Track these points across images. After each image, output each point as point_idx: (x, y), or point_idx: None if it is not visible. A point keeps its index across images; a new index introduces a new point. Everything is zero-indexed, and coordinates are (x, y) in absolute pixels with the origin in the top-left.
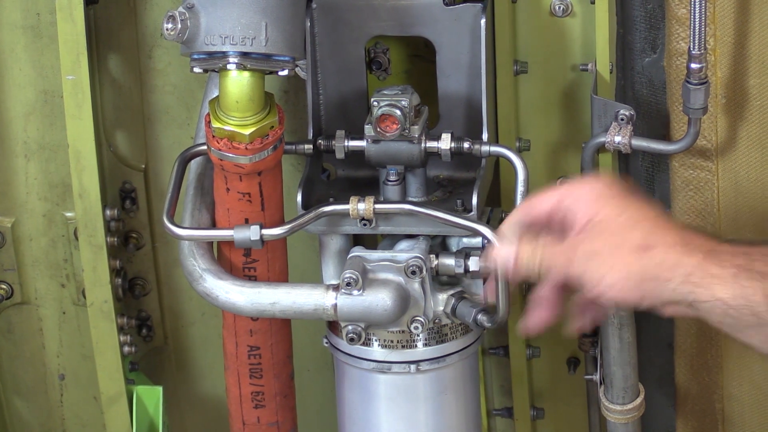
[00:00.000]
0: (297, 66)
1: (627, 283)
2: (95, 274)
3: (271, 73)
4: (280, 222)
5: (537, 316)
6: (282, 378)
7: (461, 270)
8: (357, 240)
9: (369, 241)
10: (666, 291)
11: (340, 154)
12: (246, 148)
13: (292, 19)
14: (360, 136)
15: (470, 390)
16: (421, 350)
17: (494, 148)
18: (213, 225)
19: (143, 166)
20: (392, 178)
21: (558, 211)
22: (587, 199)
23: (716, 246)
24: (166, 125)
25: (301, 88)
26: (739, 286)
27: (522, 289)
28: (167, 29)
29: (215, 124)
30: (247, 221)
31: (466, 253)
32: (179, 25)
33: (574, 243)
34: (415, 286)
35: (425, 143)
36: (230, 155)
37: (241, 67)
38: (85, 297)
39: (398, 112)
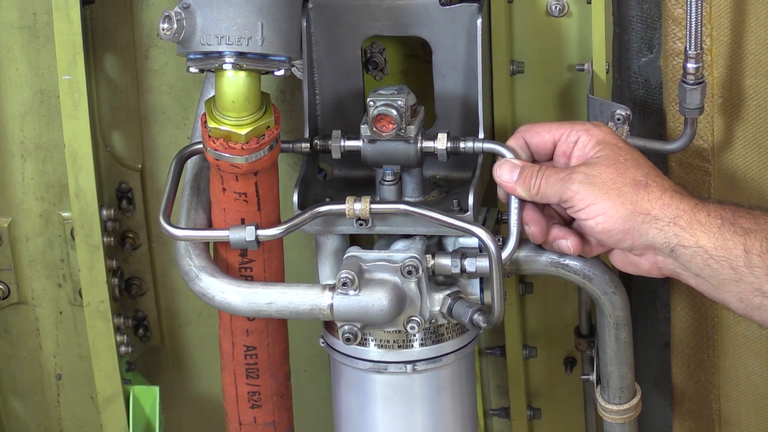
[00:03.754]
0: (293, 66)
1: (618, 212)
2: (92, 274)
3: (267, 73)
4: (277, 222)
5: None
6: (278, 378)
7: (457, 270)
8: (353, 240)
9: (365, 241)
10: (652, 230)
11: (336, 154)
12: (242, 148)
13: (288, 19)
14: (356, 135)
15: (467, 390)
16: (417, 350)
17: (488, 145)
18: (209, 225)
19: (140, 166)
20: (388, 178)
21: (563, 142)
22: (593, 139)
23: (705, 199)
24: (162, 125)
25: (298, 88)
26: (721, 237)
27: (518, 290)
28: (163, 29)
29: (211, 124)
30: (243, 221)
31: (462, 253)
32: (175, 25)
33: (573, 169)
34: (412, 286)
35: (421, 143)
36: (226, 155)
37: (237, 67)
38: (81, 297)
39: (394, 111)
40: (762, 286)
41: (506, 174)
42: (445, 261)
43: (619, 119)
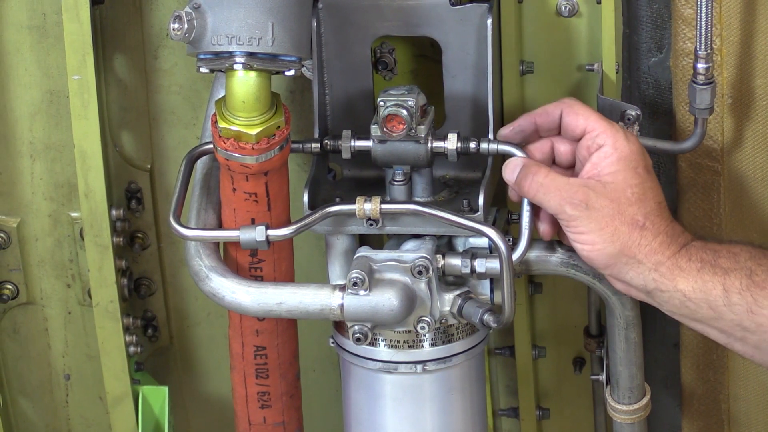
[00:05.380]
0: (303, 66)
1: (606, 248)
2: (101, 274)
3: (277, 73)
4: (287, 222)
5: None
6: (288, 378)
7: (467, 270)
8: (363, 240)
9: (375, 241)
10: (631, 272)
11: (346, 154)
12: (252, 148)
13: (298, 19)
14: (366, 136)
15: (476, 390)
16: (427, 350)
17: (501, 146)
18: (219, 225)
19: (149, 166)
20: (398, 178)
21: (590, 139)
22: (616, 154)
23: (691, 241)
24: (171, 125)
25: (308, 88)
26: (701, 279)
27: (527, 290)
28: (173, 29)
29: (222, 124)
30: (253, 221)
31: (472, 253)
32: (185, 25)
33: (577, 186)
34: (422, 286)
35: (431, 143)
36: (237, 155)
37: (247, 67)
38: (90, 297)
39: (404, 112)
40: (742, 322)
41: (509, 174)
42: (456, 261)
43: (629, 119)
